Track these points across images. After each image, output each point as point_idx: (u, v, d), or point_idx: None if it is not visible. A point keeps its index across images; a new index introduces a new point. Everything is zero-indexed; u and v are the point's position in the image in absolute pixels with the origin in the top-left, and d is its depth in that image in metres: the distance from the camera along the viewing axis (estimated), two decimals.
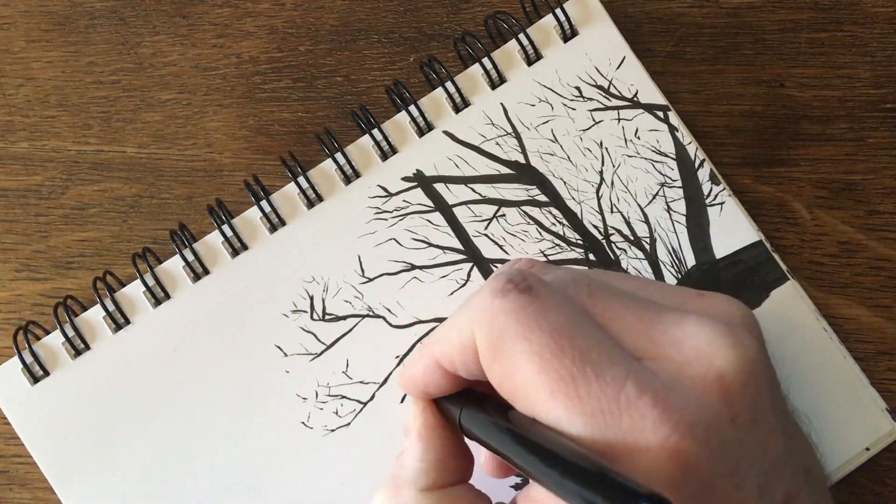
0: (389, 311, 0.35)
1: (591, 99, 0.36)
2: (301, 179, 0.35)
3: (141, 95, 0.38)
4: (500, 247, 0.35)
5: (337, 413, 0.34)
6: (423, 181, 0.36)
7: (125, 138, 0.38)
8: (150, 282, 0.34)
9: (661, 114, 0.36)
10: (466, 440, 0.28)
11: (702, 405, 0.23)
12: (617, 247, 0.35)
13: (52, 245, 0.37)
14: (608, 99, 0.36)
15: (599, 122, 0.36)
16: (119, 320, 0.34)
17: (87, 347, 0.34)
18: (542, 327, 0.23)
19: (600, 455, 0.22)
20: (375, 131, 0.35)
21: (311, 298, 0.35)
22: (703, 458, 0.22)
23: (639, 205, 0.35)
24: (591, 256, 0.35)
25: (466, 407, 0.27)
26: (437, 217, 0.35)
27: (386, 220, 0.35)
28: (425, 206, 0.35)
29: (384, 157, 0.36)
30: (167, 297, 0.34)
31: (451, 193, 0.36)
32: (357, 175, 0.35)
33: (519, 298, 0.24)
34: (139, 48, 0.38)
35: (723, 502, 0.23)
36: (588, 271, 0.29)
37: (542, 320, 0.24)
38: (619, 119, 0.36)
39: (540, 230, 0.35)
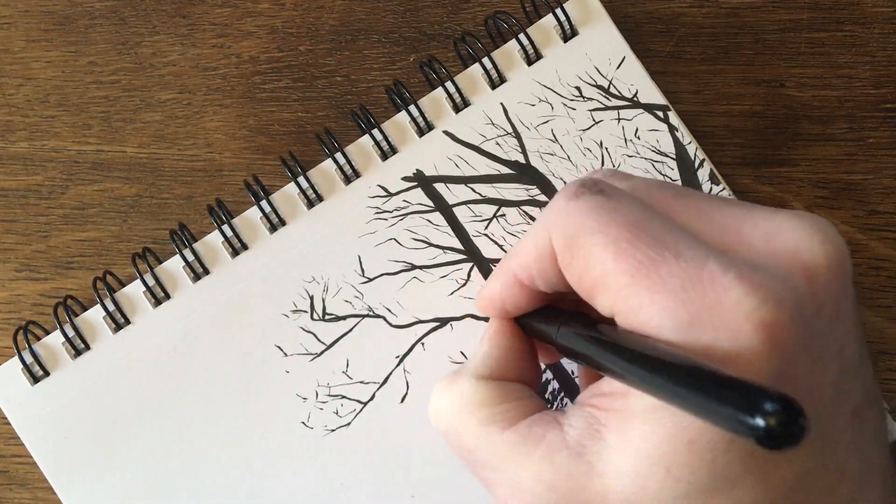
0: (389, 310, 0.35)
1: (591, 99, 0.36)
2: (301, 179, 0.35)
3: (141, 95, 0.38)
4: (500, 246, 0.35)
5: (337, 413, 0.34)
6: (423, 181, 0.36)
7: (125, 138, 0.38)
8: (150, 282, 0.34)
9: (660, 114, 0.36)
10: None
11: (790, 287, 0.22)
12: None
13: (52, 245, 0.37)
14: (608, 99, 0.36)
15: (599, 121, 0.36)
16: (119, 320, 0.34)
17: (88, 347, 0.34)
18: (616, 221, 0.24)
19: (685, 332, 0.22)
20: (375, 131, 0.35)
21: (311, 298, 0.35)
22: (790, 334, 0.22)
23: None
24: None
25: (564, 324, 0.27)
26: (438, 217, 0.35)
27: (386, 219, 0.35)
28: (425, 205, 0.35)
29: (384, 156, 0.36)
30: (167, 297, 0.34)
31: (451, 193, 0.35)
32: (357, 175, 0.35)
33: (592, 199, 0.24)
34: (139, 48, 0.38)
35: (802, 388, 0.22)
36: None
37: (617, 215, 0.24)
38: (619, 119, 0.36)
39: None
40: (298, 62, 0.38)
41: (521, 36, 0.36)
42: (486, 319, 0.35)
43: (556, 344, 0.27)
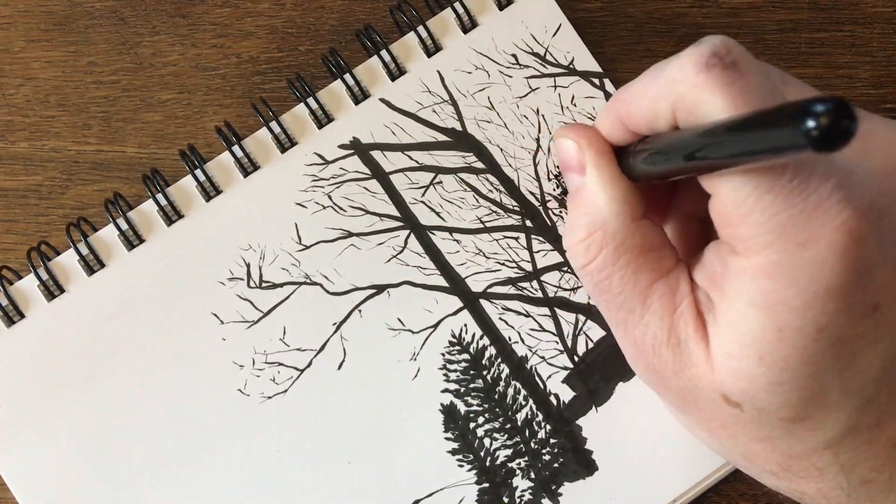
0: (326, 278, 0.35)
1: (527, 66, 0.36)
2: (236, 148, 0.35)
3: (141, 95, 0.38)
4: (437, 213, 0.35)
5: (274, 380, 0.34)
6: (359, 149, 0.36)
7: (125, 138, 0.38)
8: (84, 250, 0.34)
9: (596, 81, 0.36)
10: None
11: (879, 191, 0.24)
12: (554, 213, 0.35)
13: (52, 245, 0.37)
14: (544, 66, 0.36)
15: (536, 89, 0.36)
16: (53, 288, 0.34)
17: (22, 316, 0.34)
18: (748, 105, 0.23)
19: (782, 224, 0.23)
20: (311, 100, 0.35)
21: (248, 266, 0.35)
22: (875, 235, 0.23)
23: None
24: (528, 223, 0.35)
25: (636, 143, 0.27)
26: (374, 184, 0.35)
27: (323, 187, 0.35)
28: (362, 173, 0.36)
29: (320, 124, 0.36)
30: (102, 265, 0.34)
31: (388, 161, 0.36)
32: (293, 143, 0.35)
33: (724, 75, 0.23)
34: (139, 48, 0.38)
35: (884, 284, 0.24)
36: None
37: (748, 98, 0.23)
38: (555, 86, 0.36)
39: (477, 197, 0.35)
40: (298, 62, 0.38)
41: (457, 4, 0.36)
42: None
43: (632, 170, 0.27)
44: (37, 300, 0.34)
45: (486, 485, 0.34)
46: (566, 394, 0.34)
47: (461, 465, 0.34)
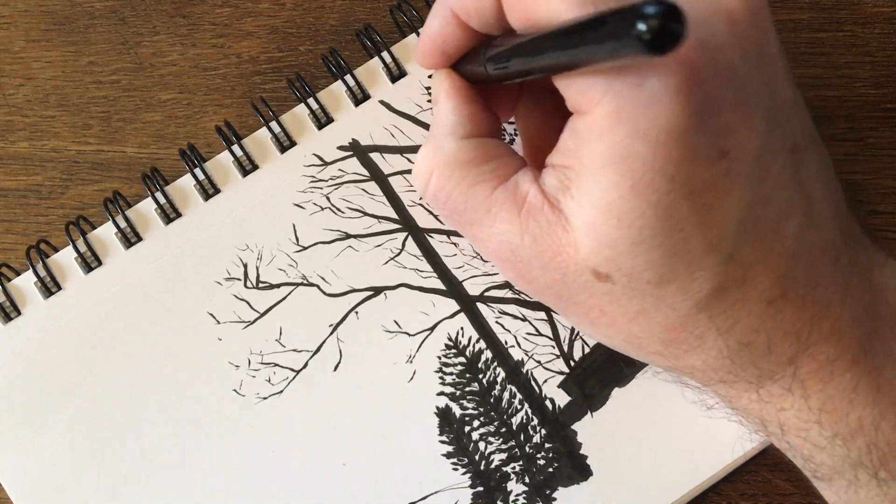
0: (323, 279, 0.35)
1: None
2: (236, 148, 0.35)
3: (141, 95, 0.38)
4: (435, 216, 0.35)
5: (269, 381, 0.34)
6: (358, 150, 0.36)
7: (125, 138, 0.38)
8: (82, 248, 0.34)
9: None
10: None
11: (711, 30, 0.23)
12: None
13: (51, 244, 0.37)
14: None
15: None
16: (50, 286, 0.34)
17: (19, 313, 0.34)
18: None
19: (616, 68, 0.22)
20: (311, 100, 0.35)
21: (245, 266, 0.35)
22: (712, 73, 0.22)
23: None
24: None
25: (486, 50, 0.27)
26: (373, 186, 0.35)
27: (321, 188, 0.35)
28: (361, 175, 0.35)
29: (320, 125, 0.36)
30: (99, 263, 0.34)
31: (387, 163, 0.36)
32: (292, 144, 0.35)
33: None
34: (139, 48, 0.38)
35: (729, 128, 0.23)
36: None
37: None
38: None
39: None
40: (298, 62, 0.38)
41: None
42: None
43: (485, 70, 0.27)
44: (33, 297, 0.34)
45: (481, 488, 0.34)
46: (562, 398, 0.34)
47: (456, 469, 0.34)
